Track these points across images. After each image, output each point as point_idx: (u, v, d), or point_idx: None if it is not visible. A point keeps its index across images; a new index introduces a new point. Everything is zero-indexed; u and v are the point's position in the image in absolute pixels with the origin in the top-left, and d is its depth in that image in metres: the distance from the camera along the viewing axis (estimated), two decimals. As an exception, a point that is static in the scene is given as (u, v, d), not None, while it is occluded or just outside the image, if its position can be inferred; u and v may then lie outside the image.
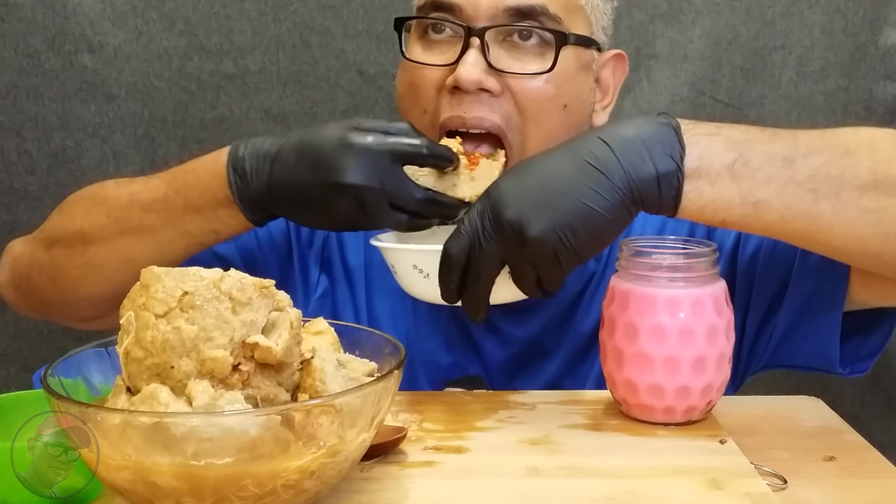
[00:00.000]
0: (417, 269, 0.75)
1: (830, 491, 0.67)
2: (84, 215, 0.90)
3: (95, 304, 0.90)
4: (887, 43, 1.25)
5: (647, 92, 1.29)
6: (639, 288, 0.75)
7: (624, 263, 0.77)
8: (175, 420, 0.52)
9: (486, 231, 0.70)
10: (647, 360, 0.74)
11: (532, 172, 0.71)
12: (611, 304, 0.77)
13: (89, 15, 1.27)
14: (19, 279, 0.95)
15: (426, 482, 0.66)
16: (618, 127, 0.71)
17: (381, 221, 0.77)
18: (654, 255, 0.76)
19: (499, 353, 0.96)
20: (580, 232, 0.69)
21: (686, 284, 0.74)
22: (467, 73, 0.83)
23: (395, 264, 0.78)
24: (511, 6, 0.85)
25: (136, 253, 0.86)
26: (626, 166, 0.69)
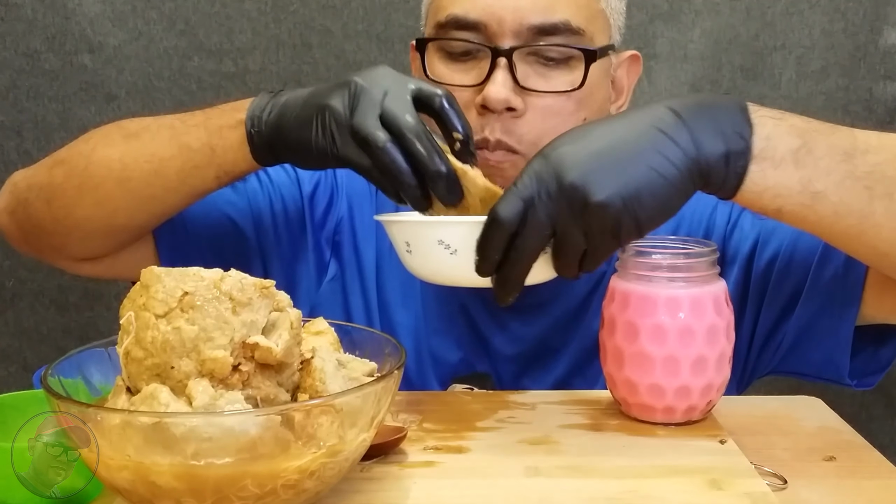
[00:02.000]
0: (444, 244, 0.67)
1: (830, 491, 0.67)
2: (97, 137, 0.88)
3: (87, 237, 0.88)
4: (887, 43, 1.25)
5: (647, 92, 1.29)
6: (639, 288, 0.75)
7: (624, 263, 0.77)
8: (175, 420, 0.52)
9: (543, 194, 0.64)
10: (647, 360, 0.74)
11: (596, 135, 0.66)
12: (611, 303, 0.77)
13: (89, 15, 1.27)
14: (15, 203, 0.91)
15: (426, 482, 0.66)
16: (685, 99, 0.68)
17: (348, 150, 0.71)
18: (654, 255, 0.76)
19: (507, 350, 0.96)
20: (646, 200, 0.64)
21: (686, 284, 0.74)
22: (497, 94, 0.83)
23: (413, 240, 0.70)
24: (535, 25, 0.84)
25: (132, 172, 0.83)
26: (697, 138, 0.65)
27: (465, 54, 0.87)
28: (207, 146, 0.82)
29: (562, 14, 0.85)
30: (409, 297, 1.00)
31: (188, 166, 0.82)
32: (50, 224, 0.88)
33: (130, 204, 0.85)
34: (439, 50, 0.89)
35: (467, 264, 0.67)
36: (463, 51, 0.87)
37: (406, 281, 0.99)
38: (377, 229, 1.01)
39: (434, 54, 0.89)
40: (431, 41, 0.89)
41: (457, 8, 0.86)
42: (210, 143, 0.82)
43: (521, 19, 0.84)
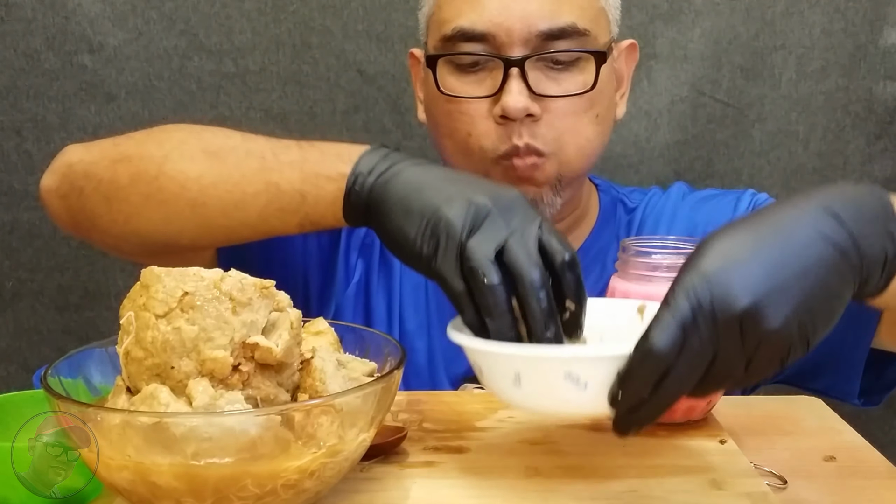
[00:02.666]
0: (573, 378, 0.58)
1: (830, 491, 0.67)
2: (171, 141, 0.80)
3: (142, 244, 0.82)
4: (887, 43, 1.25)
5: (647, 92, 1.29)
6: (639, 288, 0.75)
7: (624, 263, 0.77)
8: (175, 420, 0.52)
9: (706, 320, 0.54)
10: None
11: (757, 246, 0.57)
12: None
13: (89, 15, 1.27)
14: (69, 188, 0.84)
15: (426, 482, 0.66)
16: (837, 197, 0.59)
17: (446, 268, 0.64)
18: (654, 255, 0.76)
19: None
20: (819, 321, 0.56)
21: None
22: (515, 102, 0.84)
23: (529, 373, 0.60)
24: (543, 31, 0.86)
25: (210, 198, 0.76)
26: (861, 246, 0.58)
27: (474, 65, 0.88)
28: (299, 192, 0.74)
29: (568, 17, 0.86)
30: (420, 299, 1.00)
31: (273, 207, 0.75)
32: (107, 223, 0.82)
33: (200, 229, 0.79)
34: (448, 63, 0.89)
35: (598, 399, 0.58)
36: (472, 62, 0.88)
37: (418, 282, 1.00)
38: None
39: (443, 67, 0.90)
40: (445, 56, 0.89)
41: (463, 20, 0.86)
42: (302, 190, 0.74)
43: (529, 27, 0.85)
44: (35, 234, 1.33)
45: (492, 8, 0.85)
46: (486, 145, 0.89)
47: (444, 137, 0.92)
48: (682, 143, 1.30)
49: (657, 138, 1.30)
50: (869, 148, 1.29)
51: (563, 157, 0.89)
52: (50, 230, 1.32)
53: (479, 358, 0.63)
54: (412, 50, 1.01)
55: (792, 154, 1.30)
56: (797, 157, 1.30)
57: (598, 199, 1.04)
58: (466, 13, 0.86)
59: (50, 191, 0.86)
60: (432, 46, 0.92)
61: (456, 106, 0.89)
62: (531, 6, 0.85)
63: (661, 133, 1.30)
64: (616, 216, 1.03)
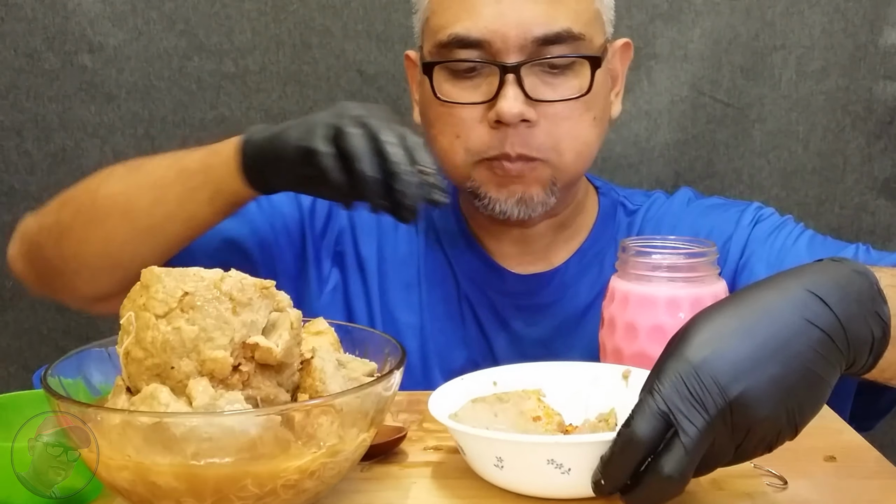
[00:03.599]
0: (555, 464, 0.60)
1: (830, 491, 0.67)
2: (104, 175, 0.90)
3: (95, 274, 0.88)
4: (887, 43, 1.25)
5: (647, 92, 1.29)
6: (639, 288, 0.75)
7: (624, 263, 0.77)
8: (175, 420, 0.52)
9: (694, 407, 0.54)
10: (647, 360, 0.74)
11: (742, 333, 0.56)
12: (610, 303, 0.77)
13: (89, 15, 1.27)
14: (28, 247, 0.94)
15: (426, 482, 0.66)
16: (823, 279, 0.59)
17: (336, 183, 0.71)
18: (655, 254, 0.76)
19: (510, 351, 0.97)
20: (807, 406, 0.57)
21: (686, 284, 0.74)
22: (510, 108, 0.85)
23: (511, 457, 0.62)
24: (539, 36, 0.86)
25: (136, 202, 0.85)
26: (849, 330, 0.58)
27: (470, 71, 0.88)
28: (204, 165, 0.82)
29: (563, 22, 0.86)
30: (412, 298, 1.01)
31: (186, 189, 0.83)
32: (61, 263, 0.90)
33: (135, 236, 0.86)
34: (444, 69, 0.89)
35: (581, 482, 0.60)
36: (468, 68, 0.88)
37: (410, 282, 1.00)
38: (378, 234, 1.01)
39: (439, 73, 0.90)
40: (442, 64, 0.89)
41: (458, 27, 0.87)
42: (206, 162, 0.82)
43: (524, 33, 0.85)
44: (35, 234, 1.33)
45: (487, 14, 0.86)
46: (473, 146, 0.89)
47: (432, 138, 0.93)
48: (682, 143, 1.30)
49: (657, 138, 1.30)
50: (869, 148, 1.29)
51: (559, 162, 0.90)
52: (50, 230, 1.33)
53: (461, 439, 0.65)
54: (407, 52, 1.01)
55: (792, 154, 1.29)
56: (797, 157, 1.29)
57: (598, 201, 1.04)
58: (462, 20, 0.86)
59: (15, 258, 0.96)
60: (428, 52, 0.92)
61: (449, 110, 0.89)
62: (526, 12, 0.85)
63: (661, 133, 1.30)
64: (616, 219, 1.03)
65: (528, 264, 1.00)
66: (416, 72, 0.98)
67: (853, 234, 1.30)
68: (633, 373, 0.72)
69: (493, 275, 0.99)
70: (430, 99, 0.91)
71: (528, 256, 1.00)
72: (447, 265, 1.01)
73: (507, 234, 0.99)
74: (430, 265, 1.01)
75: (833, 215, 1.30)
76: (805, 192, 1.30)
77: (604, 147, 1.31)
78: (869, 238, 1.30)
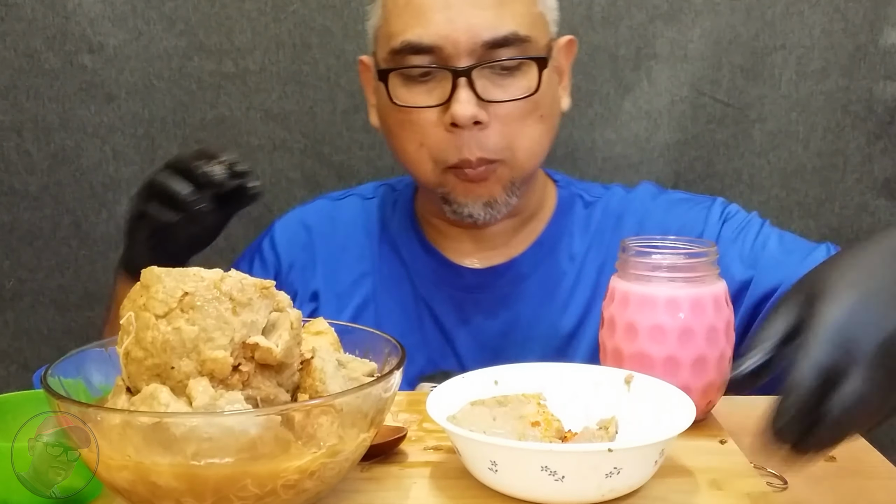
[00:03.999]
0: (549, 471, 0.60)
1: (830, 491, 0.67)
2: None
3: None
4: (887, 43, 1.25)
5: (647, 92, 1.29)
6: (639, 288, 0.75)
7: (624, 263, 0.77)
8: (175, 420, 0.52)
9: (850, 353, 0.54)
10: (647, 360, 0.74)
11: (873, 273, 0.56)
12: (611, 303, 0.77)
13: (89, 15, 1.27)
14: None
15: (426, 482, 0.66)
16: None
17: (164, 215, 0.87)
18: (654, 254, 0.76)
19: (471, 345, 1.01)
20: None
21: (686, 284, 0.74)
22: (463, 111, 0.89)
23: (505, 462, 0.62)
24: (488, 40, 0.89)
25: None
26: None
27: (423, 76, 0.92)
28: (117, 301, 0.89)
29: (509, 26, 0.90)
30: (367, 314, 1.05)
31: None
32: None
33: None
34: (398, 75, 0.93)
35: (575, 489, 0.61)
36: (422, 73, 0.92)
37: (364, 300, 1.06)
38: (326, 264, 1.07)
39: (394, 79, 0.94)
40: (396, 70, 0.93)
41: (409, 34, 0.90)
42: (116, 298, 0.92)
43: (474, 38, 0.89)
44: (35, 234, 1.33)
45: (438, 21, 0.89)
46: (437, 156, 0.93)
47: (396, 148, 0.97)
48: (682, 143, 1.30)
49: (657, 138, 1.30)
50: (869, 148, 1.29)
51: (514, 161, 0.94)
52: (50, 230, 1.33)
53: (457, 441, 0.65)
54: (361, 57, 1.04)
55: (792, 154, 1.29)
56: (797, 157, 1.30)
57: (557, 194, 1.07)
58: (413, 27, 0.90)
59: None
60: (382, 59, 0.95)
61: (407, 115, 0.93)
62: (475, 18, 0.89)
63: (661, 133, 1.30)
64: (573, 210, 1.06)
65: (486, 260, 1.04)
66: (370, 76, 1.02)
67: (853, 234, 1.30)
68: (635, 378, 0.72)
69: (450, 272, 1.03)
70: (388, 105, 0.95)
71: (486, 252, 1.04)
72: (403, 270, 1.05)
73: (466, 233, 1.03)
74: (386, 274, 1.05)
75: (833, 215, 1.30)
76: (805, 192, 1.30)
77: (604, 147, 1.32)
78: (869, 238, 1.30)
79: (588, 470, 0.60)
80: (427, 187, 0.97)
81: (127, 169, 1.32)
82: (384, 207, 1.10)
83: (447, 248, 1.04)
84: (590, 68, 1.29)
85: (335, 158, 1.33)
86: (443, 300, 1.03)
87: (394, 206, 1.09)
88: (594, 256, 1.03)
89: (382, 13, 0.95)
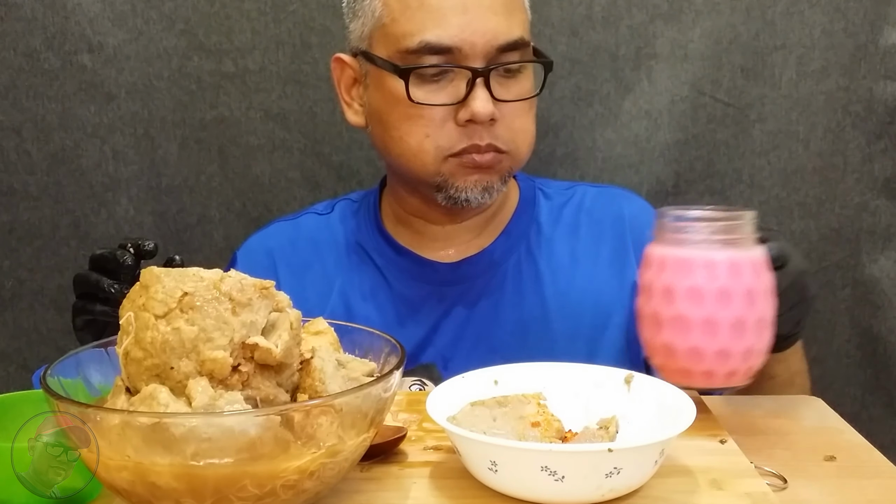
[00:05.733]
0: (549, 471, 0.60)
1: (830, 491, 0.67)
2: None
3: None
4: (887, 43, 1.25)
5: (647, 92, 1.29)
6: (675, 252, 0.74)
7: (660, 229, 0.76)
8: (175, 420, 0.52)
9: None
10: (685, 322, 0.73)
11: None
12: (647, 270, 0.75)
13: (89, 15, 1.27)
14: None
15: (426, 482, 0.66)
16: None
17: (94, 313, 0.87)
18: (691, 218, 0.75)
19: (451, 336, 1.04)
20: None
21: (723, 247, 0.73)
22: (483, 108, 0.94)
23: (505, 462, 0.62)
24: (502, 44, 0.95)
25: None
26: None
27: (437, 75, 0.96)
28: None
29: (517, 31, 0.97)
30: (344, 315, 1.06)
31: None
32: None
33: None
34: (412, 73, 0.96)
35: (575, 489, 0.61)
36: (436, 72, 0.96)
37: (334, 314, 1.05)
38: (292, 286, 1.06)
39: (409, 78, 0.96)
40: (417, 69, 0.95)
41: (428, 35, 0.94)
42: None
43: (490, 41, 0.95)
44: (35, 234, 1.33)
45: (456, 24, 0.94)
46: (443, 144, 0.97)
47: (396, 140, 0.99)
48: (682, 143, 1.30)
49: (657, 138, 1.30)
50: (869, 148, 1.29)
51: (517, 154, 1.00)
52: (50, 230, 1.32)
53: (457, 441, 0.65)
54: (338, 55, 1.04)
55: (792, 154, 1.29)
56: (797, 157, 1.29)
57: (519, 188, 1.13)
58: (431, 28, 0.94)
59: None
60: (388, 56, 0.97)
61: (417, 111, 0.96)
62: (489, 23, 0.94)
63: (662, 133, 1.30)
64: (536, 202, 1.12)
65: (459, 253, 1.08)
66: (347, 74, 1.04)
67: (853, 234, 1.30)
68: (635, 378, 0.72)
69: (427, 269, 1.07)
70: (395, 101, 0.97)
71: (459, 246, 1.08)
72: (378, 275, 1.08)
73: (440, 230, 1.07)
74: (358, 283, 1.08)
75: (833, 215, 1.30)
76: (805, 192, 1.30)
77: (604, 147, 1.32)
78: (869, 238, 1.30)
79: (588, 470, 0.60)
80: (422, 177, 0.99)
81: (127, 169, 1.31)
82: (346, 219, 1.13)
83: (420, 246, 1.08)
84: (590, 68, 1.29)
85: (335, 158, 1.33)
86: (423, 296, 1.06)
87: (355, 215, 1.13)
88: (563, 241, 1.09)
89: (387, 12, 0.97)
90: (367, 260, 1.09)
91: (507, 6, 0.96)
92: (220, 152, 1.32)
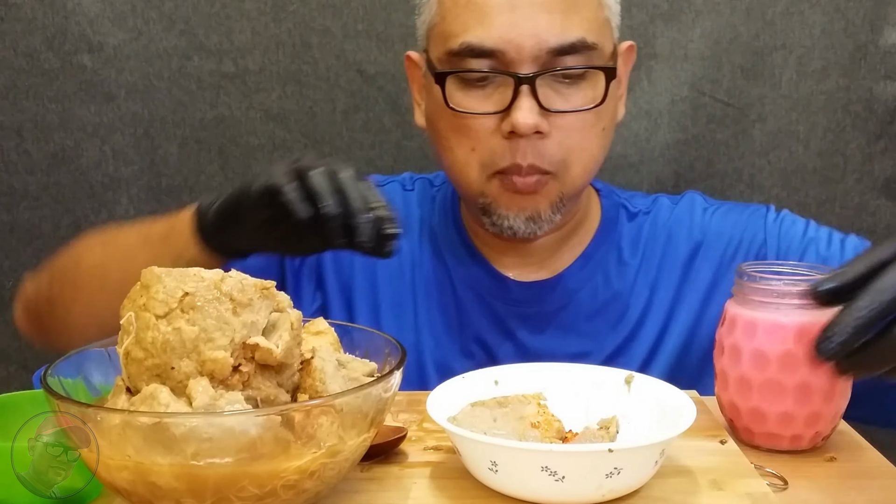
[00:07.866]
0: (549, 471, 0.60)
1: (830, 491, 0.67)
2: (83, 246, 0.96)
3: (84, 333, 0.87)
4: (887, 43, 1.25)
5: (647, 92, 1.29)
6: (767, 315, 0.72)
7: (745, 290, 0.74)
8: (175, 420, 0.52)
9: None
10: (778, 387, 0.72)
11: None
12: (732, 331, 0.74)
13: (89, 15, 1.27)
14: (27, 311, 1.01)
15: (426, 482, 0.66)
16: None
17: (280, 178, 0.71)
18: (781, 281, 0.72)
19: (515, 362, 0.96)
20: None
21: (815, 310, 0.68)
22: (525, 119, 0.83)
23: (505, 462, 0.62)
24: (554, 47, 0.84)
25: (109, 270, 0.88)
26: None
27: (482, 80, 0.87)
28: (164, 234, 0.85)
29: (577, 32, 0.85)
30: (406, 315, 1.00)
31: (151, 257, 0.82)
32: (55, 325, 0.96)
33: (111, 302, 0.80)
34: (455, 78, 0.88)
35: (575, 489, 0.61)
36: (480, 77, 0.86)
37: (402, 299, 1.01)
38: None
39: (450, 82, 0.88)
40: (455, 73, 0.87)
41: (470, 36, 0.85)
42: (167, 231, 0.84)
43: (539, 44, 0.84)
44: (35, 234, 1.33)
45: (500, 24, 0.84)
46: (486, 160, 0.88)
47: (446, 150, 0.92)
48: (683, 143, 1.30)
49: (657, 138, 1.30)
50: (869, 148, 1.29)
51: (567, 177, 0.89)
52: (50, 230, 1.32)
53: (457, 441, 0.65)
54: (409, 53, 1.00)
55: (792, 154, 1.29)
56: (797, 157, 1.29)
57: (600, 204, 1.03)
58: (473, 28, 0.85)
59: (20, 319, 1.03)
60: (437, 58, 0.90)
61: (462, 121, 0.88)
62: (540, 22, 0.83)
63: (662, 133, 1.30)
64: (618, 223, 1.02)
65: (531, 273, 0.99)
66: (417, 73, 0.97)
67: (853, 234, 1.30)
68: (635, 378, 0.72)
69: (496, 284, 0.99)
70: (440, 108, 0.89)
71: (531, 266, 0.99)
72: (446, 276, 1.00)
73: (509, 246, 0.98)
74: (427, 277, 1.00)
75: (833, 215, 1.30)
76: (805, 192, 1.30)
77: (604, 147, 1.31)
78: (869, 238, 1.30)
79: (588, 470, 0.60)
80: (468, 197, 0.92)
81: (126, 169, 1.31)
82: (423, 203, 1.04)
83: (492, 256, 0.99)
84: (590, 68, 1.29)
85: (335, 158, 1.33)
86: (485, 312, 0.98)
87: (433, 202, 1.04)
88: (645, 272, 0.99)
89: (438, 10, 0.89)
90: (437, 253, 1.01)
91: (566, 2, 0.84)
92: (220, 152, 1.32)
